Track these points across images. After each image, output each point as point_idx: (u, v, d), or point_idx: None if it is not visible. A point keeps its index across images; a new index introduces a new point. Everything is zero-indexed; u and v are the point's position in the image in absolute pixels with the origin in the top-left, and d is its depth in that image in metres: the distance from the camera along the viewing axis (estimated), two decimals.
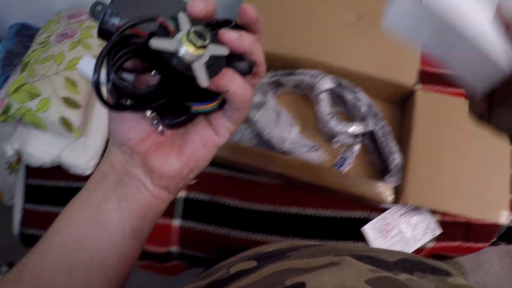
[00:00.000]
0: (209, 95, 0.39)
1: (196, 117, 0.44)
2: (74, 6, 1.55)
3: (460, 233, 1.19)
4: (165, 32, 0.35)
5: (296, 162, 1.12)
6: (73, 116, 1.19)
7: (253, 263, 0.41)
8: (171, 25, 0.35)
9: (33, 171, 1.35)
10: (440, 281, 0.35)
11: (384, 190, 1.07)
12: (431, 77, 1.35)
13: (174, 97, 0.38)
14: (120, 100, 0.36)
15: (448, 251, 1.23)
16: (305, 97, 1.30)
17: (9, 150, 1.27)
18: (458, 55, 0.46)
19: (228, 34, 0.37)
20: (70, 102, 1.19)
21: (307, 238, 1.18)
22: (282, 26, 1.24)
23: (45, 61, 1.23)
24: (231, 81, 0.37)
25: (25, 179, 1.34)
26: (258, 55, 0.42)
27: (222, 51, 0.37)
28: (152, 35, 0.35)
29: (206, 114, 0.43)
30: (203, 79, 0.34)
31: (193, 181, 1.24)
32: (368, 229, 1.18)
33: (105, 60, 0.34)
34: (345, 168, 1.22)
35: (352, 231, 1.19)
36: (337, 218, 1.21)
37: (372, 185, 1.08)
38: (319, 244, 0.43)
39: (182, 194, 1.23)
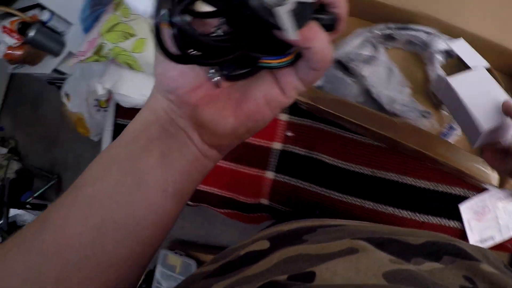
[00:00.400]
0: (281, 47, 0.32)
1: (261, 71, 0.37)
2: None
3: None
4: None
5: (406, 126, 1.02)
6: None
7: (266, 244, 0.37)
8: None
9: (122, 111, 1.34)
10: (471, 268, 0.29)
11: (491, 171, 0.96)
12: None
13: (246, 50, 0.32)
14: (184, 49, 0.30)
15: None
16: (415, 55, 1.17)
17: (101, 89, 1.25)
18: (461, 116, 0.78)
19: None
20: None
21: (402, 209, 1.12)
22: None
23: None
24: (316, 37, 0.31)
25: (114, 118, 1.33)
26: (343, 8, 0.35)
27: None
28: None
29: (274, 69, 0.36)
30: (289, 30, 0.28)
31: (291, 134, 1.17)
32: (465, 208, 1.09)
33: None
34: (451, 138, 1.12)
35: (448, 207, 1.10)
36: (435, 191, 1.11)
37: (481, 163, 0.97)
38: (339, 225, 0.38)
39: (278, 146, 1.17)
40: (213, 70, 0.35)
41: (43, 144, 3.13)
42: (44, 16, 1.93)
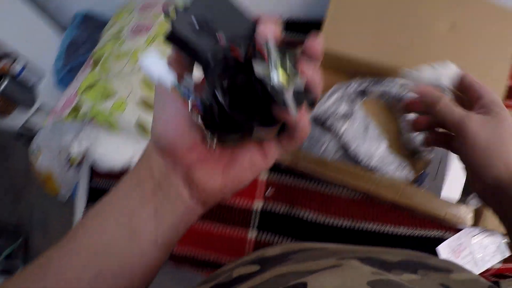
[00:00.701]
0: (272, 120, 0.37)
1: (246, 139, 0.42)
2: None
3: None
4: (261, 57, 0.34)
5: (384, 181, 1.06)
6: (150, 119, 1.13)
7: (256, 267, 0.40)
8: (265, 51, 0.34)
9: (97, 172, 1.30)
10: (445, 278, 0.34)
11: (466, 212, 1.04)
12: None
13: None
14: (203, 119, 0.36)
15: None
16: (388, 106, 1.23)
17: (76, 148, 1.22)
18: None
19: (309, 69, 0.37)
20: (147, 105, 1.13)
21: None
22: (370, 33, 1.16)
23: (119, 58, 1.16)
24: (304, 116, 0.37)
25: (88, 179, 1.29)
26: (319, 89, 0.40)
27: (302, 83, 0.36)
28: (247, 58, 0.34)
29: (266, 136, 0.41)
30: (292, 110, 0.34)
31: (270, 192, 1.18)
32: (442, 249, 1.14)
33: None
34: (426, 185, 1.16)
35: (427, 249, 1.15)
36: (413, 237, 1.16)
37: (455, 208, 1.04)
38: (321, 248, 0.41)
39: (259, 205, 1.18)
40: (210, 134, 0.39)
41: (8, 199, 3.00)
42: (16, 67, 1.90)
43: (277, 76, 0.33)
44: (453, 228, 1.16)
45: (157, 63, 0.36)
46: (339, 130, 1.12)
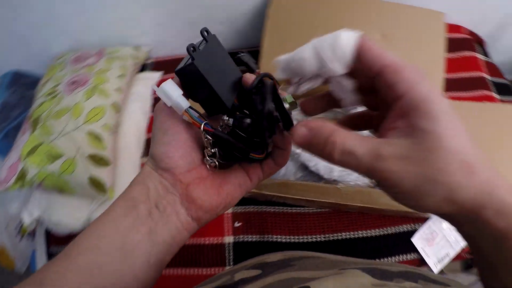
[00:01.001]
0: (264, 146, 0.45)
1: (235, 164, 0.48)
2: (73, 48, 1.43)
3: None
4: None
5: (349, 190, 1.09)
6: (104, 174, 1.09)
7: (258, 271, 0.42)
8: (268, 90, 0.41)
9: (54, 238, 1.21)
10: None
11: None
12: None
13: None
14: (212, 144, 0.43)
15: None
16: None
17: (28, 218, 1.15)
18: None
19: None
20: (98, 160, 1.08)
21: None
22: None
23: (60, 115, 1.11)
24: (290, 142, 0.42)
25: (46, 247, 1.21)
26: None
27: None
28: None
29: (256, 162, 0.47)
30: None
31: (239, 224, 1.17)
32: (416, 240, 1.18)
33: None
34: None
35: (402, 244, 1.19)
36: (387, 235, 1.19)
37: None
38: (322, 256, 0.45)
39: (230, 239, 1.16)
40: (211, 156, 0.44)
41: None
42: None
43: (286, 104, 0.42)
44: (422, 219, 1.21)
45: (174, 90, 0.40)
46: (295, 151, 1.14)
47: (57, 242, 1.21)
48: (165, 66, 1.56)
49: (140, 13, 1.37)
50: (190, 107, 0.41)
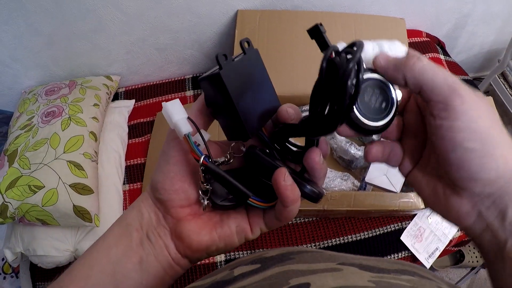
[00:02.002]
0: (267, 196, 0.39)
1: (239, 207, 0.43)
2: (43, 82, 1.42)
3: None
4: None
5: (335, 195, 1.11)
6: (88, 203, 1.06)
7: (256, 266, 0.40)
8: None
9: (40, 273, 1.17)
10: (440, 284, 0.34)
11: (415, 198, 1.11)
12: None
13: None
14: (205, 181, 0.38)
15: None
16: None
17: (10, 255, 1.11)
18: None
19: (317, 161, 0.39)
20: (80, 188, 1.06)
21: None
22: (283, 70, 1.23)
23: (37, 147, 1.09)
24: (296, 202, 0.37)
25: (31, 284, 1.17)
26: (322, 182, 0.42)
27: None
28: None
29: (255, 208, 0.41)
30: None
31: None
32: (405, 238, 1.21)
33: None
34: (369, 190, 1.23)
35: (392, 243, 1.22)
36: (376, 236, 1.22)
37: (405, 197, 1.11)
38: (320, 251, 0.42)
39: (221, 257, 1.16)
40: (205, 196, 0.40)
41: None
42: None
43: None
44: (408, 216, 1.24)
45: (178, 111, 0.37)
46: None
47: (43, 277, 1.17)
48: (136, 93, 1.57)
49: (108, 42, 1.37)
50: (201, 134, 0.37)
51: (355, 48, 0.31)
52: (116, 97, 1.55)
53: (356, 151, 1.19)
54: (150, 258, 0.41)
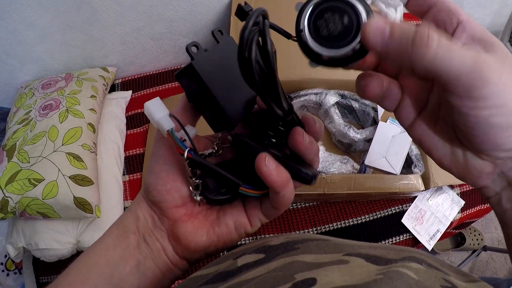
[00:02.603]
0: (258, 184, 0.37)
1: (235, 200, 0.42)
2: (39, 76, 1.41)
3: (478, 197, 1.27)
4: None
5: (335, 178, 1.10)
6: (89, 194, 1.06)
7: (261, 255, 0.39)
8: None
9: (43, 267, 1.18)
10: (445, 277, 0.32)
11: (415, 180, 1.11)
12: None
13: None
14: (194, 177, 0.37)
15: (472, 217, 1.30)
16: (312, 114, 1.29)
17: (13, 250, 1.11)
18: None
19: (309, 143, 0.37)
20: (80, 180, 1.06)
21: None
22: (279, 55, 1.21)
23: (36, 140, 1.09)
24: (288, 186, 0.36)
25: (34, 278, 1.17)
26: (317, 164, 0.41)
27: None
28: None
29: (249, 197, 0.41)
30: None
31: None
32: (406, 220, 1.21)
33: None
34: (369, 172, 1.23)
35: (393, 226, 1.22)
36: (377, 219, 1.22)
37: (405, 179, 1.11)
38: (325, 239, 0.41)
39: None
40: (197, 191, 0.39)
41: None
42: None
43: None
44: (409, 199, 1.24)
45: (159, 109, 0.36)
46: None
47: (46, 271, 1.17)
48: (133, 84, 1.56)
49: (103, 33, 1.37)
50: (184, 128, 0.36)
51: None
52: (113, 88, 1.54)
53: (355, 134, 1.19)
54: (147, 262, 0.40)
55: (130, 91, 1.52)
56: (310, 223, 1.21)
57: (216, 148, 0.40)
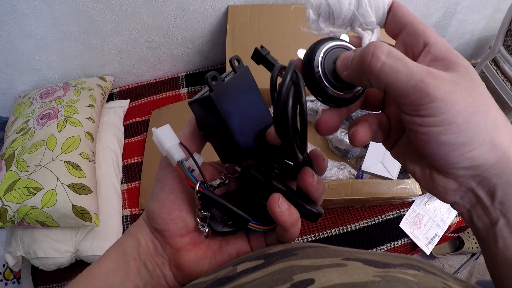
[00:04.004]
0: (266, 219, 0.38)
1: (238, 231, 0.42)
2: (37, 85, 1.42)
3: None
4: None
5: (332, 183, 1.11)
6: (87, 202, 1.06)
7: (260, 261, 0.38)
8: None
9: (42, 277, 1.17)
10: (444, 280, 0.33)
11: (412, 184, 1.11)
12: None
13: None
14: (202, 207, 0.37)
15: None
16: (310, 122, 1.30)
17: (11, 259, 1.11)
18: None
19: (315, 183, 0.38)
20: (79, 188, 1.07)
21: None
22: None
23: (34, 149, 1.09)
24: (296, 225, 0.37)
25: (33, 287, 1.17)
26: (321, 201, 0.41)
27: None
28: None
29: (256, 231, 0.41)
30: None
31: None
32: (404, 225, 1.22)
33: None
34: (366, 178, 1.24)
35: (391, 231, 1.22)
36: (375, 224, 1.23)
37: (402, 183, 1.11)
38: (324, 246, 0.42)
39: None
40: (204, 223, 0.39)
41: None
42: None
43: None
44: (406, 203, 1.24)
45: (168, 137, 0.35)
46: None
47: (45, 280, 1.17)
48: (130, 93, 1.57)
49: (101, 43, 1.38)
50: (194, 158, 0.36)
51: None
52: (110, 97, 1.55)
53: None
54: (147, 286, 0.40)
55: (128, 100, 1.52)
56: (308, 229, 1.21)
57: (224, 179, 0.40)
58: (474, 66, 1.90)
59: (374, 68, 0.29)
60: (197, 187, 0.35)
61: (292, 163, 0.39)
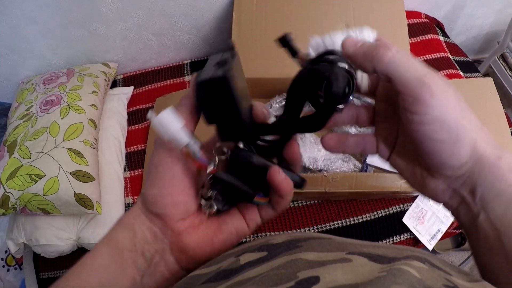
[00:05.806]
0: (266, 190, 0.40)
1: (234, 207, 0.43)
2: (40, 71, 1.41)
3: None
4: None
5: (336, 176, 1.10)
6: (90, 190, 1.06)
7: (263, 254, 0.38)
8: None
9: (43, 263, 1.18)
10: (447, 278, 0.32)
11: None
12: None
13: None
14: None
15: None
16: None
17: (13, 246, 1.11)
18: None
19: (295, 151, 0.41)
20: (81, 176, 1.06)
21: None
22: (281, 52, 1.21)
23: (37, 136, 1.09)
24: (291, 191, 0.39)
25: (35, 274, 1.17)
26: (298, 168, 0.44)
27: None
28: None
29: (258, 205, 0.43)
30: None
31: None
32: (407, 219, 1.21)
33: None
34: (370, 171, 1.23)
35: (394, 225, 1.22)
36: (378, 218, 1.22)
37: None
38: (328, 237, 0.41)
39: None
40: (208, 204, 0.39)
41: None
42: None
43: None
44: (410, 198, 1.24)
45: (172, 121, 0.34)
46: None
47: (46, 267, 1.17)
48: (134, 80, 1.56)
49: (105, 29, 1.36)
50: (197, 140, 0.35)
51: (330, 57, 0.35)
52: (114, 84, 1.54)
53: (358, 132, 1.19)
54: (144, 279, 0.39)
55: (132, 87, 1.51)
56: (311, 221, 1.20)
57: (216, 161, 0.39)
58: (481, 61, 1.89)
59: (384, 57, 0.33)
60: (211, 168, 0.36)
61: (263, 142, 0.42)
